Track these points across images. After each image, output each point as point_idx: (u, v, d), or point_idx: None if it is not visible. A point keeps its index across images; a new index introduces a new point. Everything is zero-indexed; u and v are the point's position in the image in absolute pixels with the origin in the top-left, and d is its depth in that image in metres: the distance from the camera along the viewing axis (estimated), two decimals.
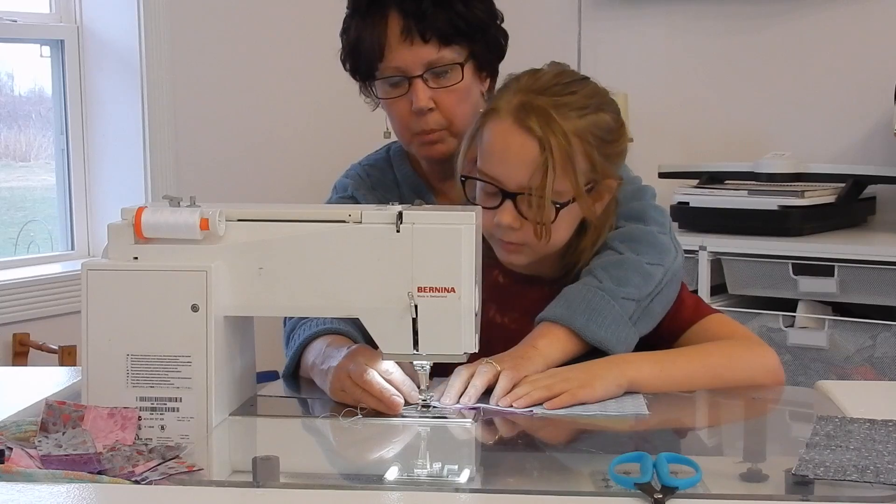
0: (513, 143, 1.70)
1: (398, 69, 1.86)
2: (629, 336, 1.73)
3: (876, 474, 1.26)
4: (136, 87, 3.53)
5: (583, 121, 1.71)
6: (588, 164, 1.71)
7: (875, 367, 3.02)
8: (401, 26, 1.84)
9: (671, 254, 1.81)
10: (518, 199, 1.70)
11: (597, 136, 1.72)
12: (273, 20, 3.87)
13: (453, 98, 1.87)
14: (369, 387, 1.55)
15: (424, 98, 1.85)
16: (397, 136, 1.95)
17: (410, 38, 1.84)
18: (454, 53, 1.86)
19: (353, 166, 2.01)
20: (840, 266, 3.05)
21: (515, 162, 1.69)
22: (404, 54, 1.84)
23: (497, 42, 1.93)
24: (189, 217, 1.51)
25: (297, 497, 1.27)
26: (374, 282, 1.51)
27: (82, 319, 1.50)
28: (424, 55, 1.84)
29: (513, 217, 1.71)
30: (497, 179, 1.71)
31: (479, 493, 1.30)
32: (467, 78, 1.88)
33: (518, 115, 1.70)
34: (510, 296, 1.82)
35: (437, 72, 1.86)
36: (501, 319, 1.82)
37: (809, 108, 3.59)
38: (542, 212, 1.69)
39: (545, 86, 1.73)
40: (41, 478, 1.28)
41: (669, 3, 3.76)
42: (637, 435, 1.55)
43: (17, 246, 3.61)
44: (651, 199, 1.89)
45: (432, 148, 1.90)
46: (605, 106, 1.75)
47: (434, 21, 1.83)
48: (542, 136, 1.68)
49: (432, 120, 1.87)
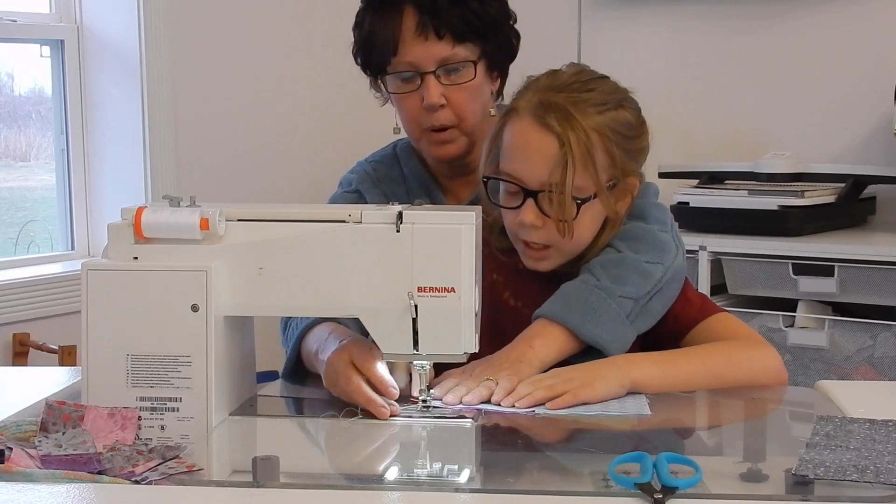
0: (532, 141, 1.71)
1: (411, 64, 1.86)
2: (626, 335, 1.73)
3: (876, 474, 1.26)
4: (136, 87, 3.52)
5: (602, 117, 1.72)
6: (608, 160, 1.72)
7: (875, 367, 3.02)
8: (416, 21, 1.84)
9: (671, 252, 1.80)
10: (539, 196, 1.71)
11: (617, 131, 1.73)
12: (273, 20, 3.87)
13: (464, 95, 1.87)
14: (358, 394, 1.56)
15: (436, 94, 1.85)
16: (407, 133, 1.95)
17: (425, 33, 1.84)
18: (467, 51, 1.87)
19: (360, 162, 2.01)
20: (840, 266, 3.05)
21: (535, 159, 1.71)
22: (418, 50, 1.85)
23: (509, 42, 1.94)
24: (189, 217, 1.51)
25: (297, 497, 1.27)
26: (374, 282, 1.51)
27: (82, 319, 1.50)
28: (438, 51, 1.85)
29: (535, 215, 1.72)
30: (518, 178, 1.72)
31: (479, 493, 1.30)
32: (479, 76, 1.88)
33: (537, 113, 1.71)
34: (526, 285, 1.82)
35: (450, 68, 1.86)
36: (515, 303, 1.82)
37: (809, 108, 3.59)
38: (563, 208, 1.69)
39: (564, 84, 1.74)
40: (41, 478, 1.28)
41: (669, 3, 3.76)
42: (637, 435, 1.55)
43: (17, 246, 3.61)
44: (654, 196, 1.89)
45: (442, 147, 1.90)
46: (624, 102, 1.76)
47: (449, 18, 1.84)
48: (561, 133, 1.69)
49: (443, 116, 1.87)
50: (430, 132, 1.89)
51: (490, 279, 1.79)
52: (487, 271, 1.74)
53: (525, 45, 1.97)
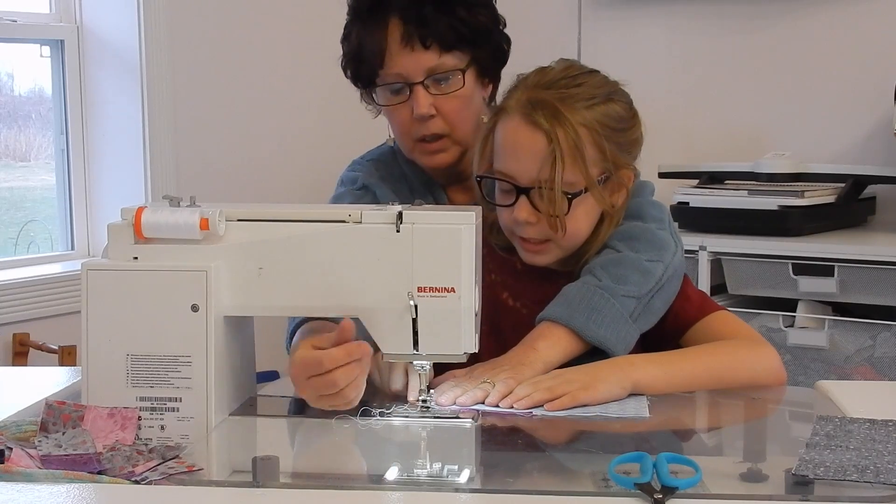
0: (522, 139, 1.72)
1: (399, 75, 1.84)
2: (629, 334, 1.73)
3: (876, 474, 1.26)
4: (136, 87, 3.52)
5: (591, 111, 1.72)
6: (599, 154, 1.72)
7: (875, 367, 3.02)
8: (401, 32, 1.82)
9: (670, 249, 1.80)
10: (531, 193, 1.72)
11: (607, 125, 1.73)
12: (273, 20, 3.87)
13: (455, 104, 1.86)
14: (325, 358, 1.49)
15: (426, 104, 1.84)
16: (399, 144, 1.94)
17: (411, 44, 1.82)
18: (456, 59, 1.85)
19: (357, 161, 2.00)
20: (840, 266, 3.05)
21: (526, 156, 1.71)
22: (405, 60, 1.83)
23: (499, 48, 1.92)
24: (189, 217, 1.51)
25: (297, 497, 1.27)
26: (374, 282, 1.51)
27: (82, 319, 1.50)
28: (425, 61, 1.83)
29: (528, 212, 1.72)
30: (510, 176, 1.73)
31: (479, 493, 1.30)
32: (469, 84, 1.87)
33: (525, 111, 1.72)
34: (524, 285, 1.82)
35: (439, 78, 1.84)
36: (514, 304, 1.83)
37: (809, 108, 3.58)
38: (553, 204, 1.70)
39: (552, 80, 1.75)
40: (41, 478, 1.28)
41: (669, 3, 3.76)
42: (637, 435, 1.54)
43: (17, 246, 3.61)
44: (649, 194, 1.88)
45: (434, 157, 1.89)
46: (614, 95, 1.76)
47: (435, 27, 1.82)
48: (549, 129, 1.69)
49: (434, 126, 1.86)
50: (422, 142, 1.88)
51: (488, 279, 1.79)
52: (485, 272, 1.74)
53: (525, 45, 1.97)
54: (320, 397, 1.52)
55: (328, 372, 1.49)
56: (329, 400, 1.52)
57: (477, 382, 1.61)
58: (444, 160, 1.89)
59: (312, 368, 1.50)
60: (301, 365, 1.52)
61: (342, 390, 1.50)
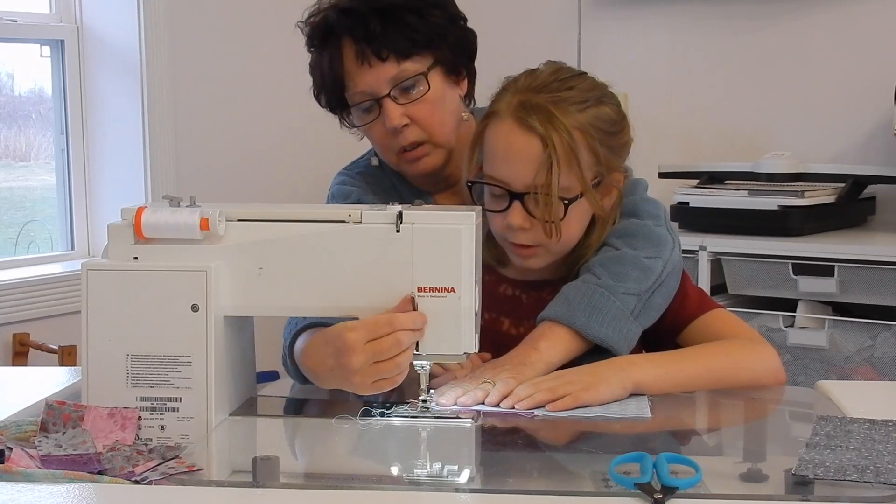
0: (515, 143, 1.70)
1: (365, 93, 1.84)
2: (631, 332, 1.73)
3: (876, 474, 1.26)
4: (136, 87, 3.52)
5: (583, 115, 1.71)
6: (593, 158, 1.71)
7: (875, 367, 3.02)
8: (355, 51, 1.82)
9: (668, 245, 1.80)
10: (526, 198, 1.70)
11: (599, 128, 1.72)
12: (273, 20, 3.86)
13: (426, 108, 1.84)
14: (381, 322, 1.49)
15: (396, 115, 1.83)
16: (384, 160, 1.93)
17: (368, 60, 1.81)
18: (417, 64, 1.83)
19: (345, 172, 1.98)
20: (840, 266, 3.05)
21: (520, 162, 1.69)
22: (366, 77, 1.82)
23: (462, 43, 1.90)
24: (189, 217, 1.51)
25: (297, 497, 1.27)
26: (374, 282, 1.51)
27: (82, 319, 1.50)
28: (386, 73, 1.82)
29: (522, 217, 1.71)
30: (503, 181, 1.71)
31: (479, 493, 1.30)
32: (437, 86, 1.85)
33: (518, 114, 1.70)
34: (522, 306, 1.82)
35: (405, 86, 1.83)
36: (517, 331, 1.81)
37: (809, 108, 3.58)
38: (550, 209, 1.69)
39: (543, 83, 1.73)
40: (41, 478, 1.28)
41: (669, 3, 3.76)
42: (637, 435, 1.54)
43: (17, 246, 3.61)
44: (643, 192, 1.88)
45: (418, 164, 1.88)
46: (605, 98, 1.75)
47: (385, 39, 1.81)
48: (544, 134, 1.68)
49: (411, 134, 1.84)
50: (404, 153, 1.87)
51: (489, 317, 1.79)
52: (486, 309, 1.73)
53: (525, 45, 1.97)
54: (373, 365, 1.49)
55: (392, 333, 1.48)
56: (380, 368, 1.49)
57: (478, 382, 1.61)
58: (429, 164, 1.88)
59: (378, 329, 1.48)
60: (362, 328, 1.49)
61: (396, 357, 1.48)
